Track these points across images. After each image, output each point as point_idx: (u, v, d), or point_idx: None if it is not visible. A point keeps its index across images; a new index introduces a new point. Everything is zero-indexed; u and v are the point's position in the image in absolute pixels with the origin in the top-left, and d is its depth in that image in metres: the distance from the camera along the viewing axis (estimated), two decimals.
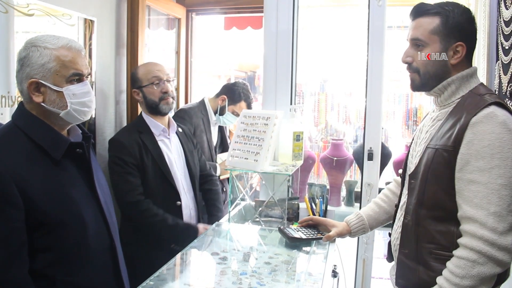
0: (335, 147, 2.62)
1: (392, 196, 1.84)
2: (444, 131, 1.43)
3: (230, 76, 8.06)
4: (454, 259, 1.35)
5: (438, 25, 1.44)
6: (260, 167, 2.09)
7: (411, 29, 1.51)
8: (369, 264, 2.48)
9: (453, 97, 1.47)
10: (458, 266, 1.32)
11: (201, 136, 2.91)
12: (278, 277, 1.62)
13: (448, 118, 1.44)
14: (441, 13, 1.45)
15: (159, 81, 2.30)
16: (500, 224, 1.28)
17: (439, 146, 1.42)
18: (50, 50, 1.38)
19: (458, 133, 1.36)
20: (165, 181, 2.25)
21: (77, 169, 1.47)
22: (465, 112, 1.38)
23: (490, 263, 1.29)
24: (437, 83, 1.49)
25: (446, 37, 1.44)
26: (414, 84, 1.54)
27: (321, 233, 1.94)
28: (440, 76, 1.47)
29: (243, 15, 4.03)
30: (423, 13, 1.48)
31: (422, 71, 1.49)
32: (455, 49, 1.45)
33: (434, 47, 1.46)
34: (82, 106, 1.45)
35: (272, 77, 2.47)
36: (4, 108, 1.89)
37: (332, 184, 2.70)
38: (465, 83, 1.46)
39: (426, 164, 1.45)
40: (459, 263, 1.32)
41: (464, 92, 1.46)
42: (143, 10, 2.78)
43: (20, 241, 1.30)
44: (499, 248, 1.28)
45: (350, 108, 3.60)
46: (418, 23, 1.49)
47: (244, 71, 8.48)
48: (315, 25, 3.38)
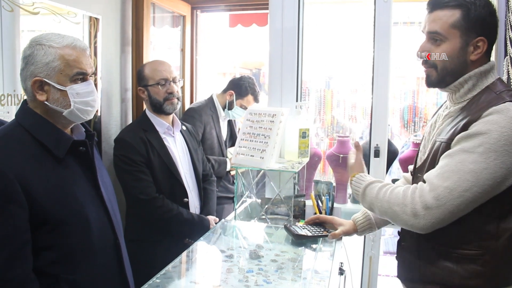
0: (341, 144, 2.60)
1: None
2: (452, 124, 1.40)
3: (235, 74, 8.05)
4: (396, 189, 1.41)
5: (459, 18, 1.36)
6: (266, 164, 2.08)
7: (429, 22, 1.42)
8: (376, 261, 2.47)
9: (469, 94, 1.42)
10: (396, 195, 1.40)
11: (211, 132, 2.95)
12: (284, 275, 1.61)
13: (459, 114, 1.40)
14: (462, 6, 1.36)
15: (165, 82, 2.30)
16: (444, 198, 1.29)
17: (444, 139, 1.40)
18: (55, 49, 1.38)
19: (466, 124, 1.33)
20: (172, 179, 2.26)
21: (81, 167, 1.47)
22: (476, 109, 1.34)
23: (409, 215, 1.34)
24: (454, 80, 1.42)
25: (467, 31, 1.37)
26: (430, 80, 1.47)
27: (327, 230, 1.93)
28: (459, 72, 1.41)
29: (248, 12, 4.02)
30: (442, 5, 1.39)
31: (440, 67, 1.42)
32: (476, 44, 1.38)
33: (454, 42, 1.38)
34: (86, 106, 1.44)
35: (277, 74, 2.46)
36: (10, 106, 1.90)
37: (338, 182, 2.69)
38: (482, 79, 1.40)
39: (432, 158, 1.44)
40: (398, 195, 1.39)
41: (480, 88, 1.40)
42: (148, 8, 2.78)
43: (24, 239, 1.30)
44: (427, 211, 1.31)
45: (356, 105, 3.59)
46: (436, 15, 1.40)
47: (249, 69, 8.47)
48: (320, 22, 3.36)
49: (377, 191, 1.46)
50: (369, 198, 1.49)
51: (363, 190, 1.52)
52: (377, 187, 1.48)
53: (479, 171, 1.26)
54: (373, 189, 1.48)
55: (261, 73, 7.72)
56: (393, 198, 1.39)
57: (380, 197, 1.44)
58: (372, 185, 1.51)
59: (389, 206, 1.39)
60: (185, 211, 2.25)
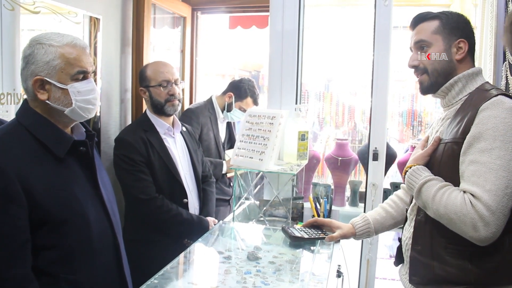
0: (340, 147, 2.61)
1: (399, 202, 1.83)
2: (453, 126, 1.46)
3: (234, 75, 8.05)
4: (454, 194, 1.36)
5: (438, 25, 1.54)
6: (265, 166, 2.08)
7: (414, 35, 1.59)
8: (373, 264, 2.47)
9: (460, 95, 1.52)
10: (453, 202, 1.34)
11: (208, 134, 2.95)
12: (282, 277, 1.61)
13: (457, 115, 1.47)
14: (439, 16, 1.55)
15: (167, 83, 2.31)
16: (494, 203, 1.28)
17: (448, 140, 1.45)
18: (55, 48, 1.38)
19: (466, 124, 1.40)
20: (172, 179, 2.27)
21: (81, 167, 1.47)
22: (472, 106, 1.42)
23: (469, 226, 1.31)
24: (445, 81, 1.53)
25: (447, 35, 1.53)
26: (424, 86, 1.59)
27: (324, 233, 1.93)
28: (448, 72, 1.53)
29: (248, 14, 4.03)
30: (422, 19, 1.58)
31: (430, 70, 1.55)
32: (458, 45, 1.52)
33: (438, 45, 1.53)
34: (87, 104, 1.44)
35: (277, 76, 2.47)
36: (9, 105, 1.90)
37: (336, 184, 2.70)
38: (471, 81, 1.51)
39: (437, 159, 1.48)
40: (456, 201, 1.34)
41: (470, 89, 1.50)
42: (148, 9, 2.79)
43: (24, 239, 1.30)
44: (485, 224, 1.28)
45: (355, 108, 3.59)
46: (419, 28, 1.57)
47: (248, 70, 8.47)
48: (319, 25, 3.37)
49: (435, 193, 1.40)
50: (425, 198, 1.43)
51: (420, 187, 1.45)
52: (434, 188, 1.41)
53: (507, 162, 1.31)
54: (430, 188, 1.42)
55: (260, 75, 7.71)
56: (450, 204, 1.35)
57: (436, 200, 1.39)
58: (430, 183, 1.43)
59: (446, 212, 1.36)
60: (184, 212, 2.25)
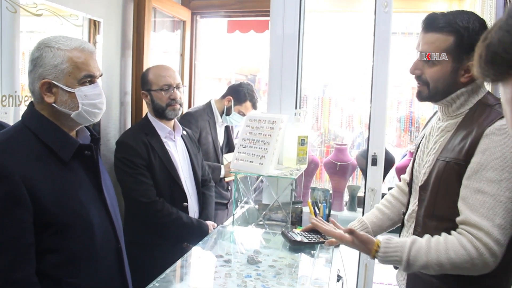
0: (339, 152, 2.63)
1: (395, 202, 1.83)
2: (455, 143, 1.41)
3: (230, 79, 8.07)
4: (456, 243, 1.31)
5: (452, 44, 1.40)
6: (265, 170, 2.09)
7: (423, 42, 1.46)
8: (371, 269, 2.48)
9: (462, 109, 1.46)
10: (456, 252, 1.30)
11: (207, 138, 2.95)
12: (282, 280, 1.62)
13: (458, 130, 1.43)
14: (456, 32, 1.40)
15: (168, 87, 2.31)
16: (503, 237, 1.28)
17: (450, 159, 1.41)
18: (64, 51, 1.39)
19: (470, 146, 1.35)
20: (173, 182, 2.27)
21: (85, 171, 1.48)
22: (476, 125, 1.37)
23: (480, 267, 1.30)
24: (445, 97, 1.47)
25: (459, 57, 1.41)
26: (422, 95, 1.52)
27: (323, 237, 1.94)
28: (449, 91, 1.46)
29: (248, 19, 4.04)
30: (437, 28, 1.43)
31: (432, 86, 1.47)
32: (467, 68, 1.41)
33: (446, 66, 1.43)
34: (93, 108, 1.45)
35: (277, 80, 2.48)
36: (9, 108, 1.90)
37: (334, 189, 2.72)
38: (474, 95, 1.45)
39: (436, 177, 1.44)
40: (460, 251, 1.30)
41: (472, 103, 1.44)
42: (149, 12, 2.80)
43: (28, 242, 1.30)
44: (496, 259, 1.29)
45: (352, 113, 3.61)
46: (430, 38, 1.44)
47: (245, 74, 8.49)
48: (318, 30, 3.39)
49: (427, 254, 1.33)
50: (419, 266, 1.35)
51: (406, 260, 1.36)
52: (422, 252, 1.34)
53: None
54: (419, 253, 1.34)
55: (256, 79, 7.73)
56: (455, 257, 1.31)
57: (440, 259, 1.32)
58: (413, 251, 1.35)
59: (456, 266, 1.31)
60: (184, 215, 2.25)
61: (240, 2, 3.44)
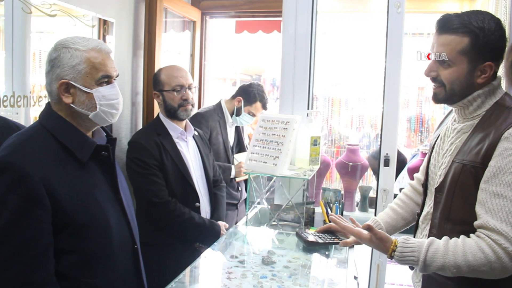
0: (351, 152, 2.62)
1: (408, 201, 1.82)
2: (471, 145, 1.40)
3: (235, 80, 8.08)
4: (474, 247, 1.30)
5: (467, 45, 1.39)
6: (279, 171, 2.09)
7: (437, 44, 1.45)
8: (383, 269, 2.48)
9: (479, 111, 1.44)
10: (474, 255, 1.29)
11: (217, 138, 2.96)
12: (298, 281, 1.62)
13: (475, 132, 1.42)
14: (471, 33, 1.38)
15: (180, 88, 2.31)
16: None
17: (466, 162, 1.39)
18: (81, 52, 1.39)
19: (488, 149, 1.34)
20: (185, 183, 2.27)
21: (101, 172, 1.48)
22: (493, 128, 1.36)
23: (499, 271, 1.28)
24: (461, 99, 1.46)
25: (474, 57, 1.40)
26: (438, 97, 1.50)
27: (338, 238, 1.93)
28: (466, 93, 1.44)
29: (257, 19, 4.05)
30: (451, 30, 1.41)
31: (448, 88, 1.45)
32: (483, 69, 1.41)
33: (462, 67, 1.41)
34: (111, 108, 1.45)
35: (289, 81, 2.47)
36: (20, 108, 1.90)
37: (346, 189, 2.71)
38: (490, 96, 1.43)
39: (452, 179, 1.43)
40: (477, 254, 1.29)
41: (489, 104, 1.43)
42: (160, 13, 2.80)
43: (47, 242, 1.31)
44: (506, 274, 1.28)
45: (362, 114, 3.59)
46: (445, 39, 1.42)
47: (250, 75, 8.49)
48: (331, 31, 3.38)
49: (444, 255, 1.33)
50: (436, 267, 1.34)
51: (423, 260, 1.35)
52: (440, 251, 1.34)
53: None
54: (437, 254, 1.34)
55: (261, 79, 7.74)
56: (472, 260, 1.30)
57: (458, 261, 1.31)
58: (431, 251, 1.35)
59: (473, 269, 1.30)
60: (196, 216, 2.25)
61: (250, 2, 3.44)
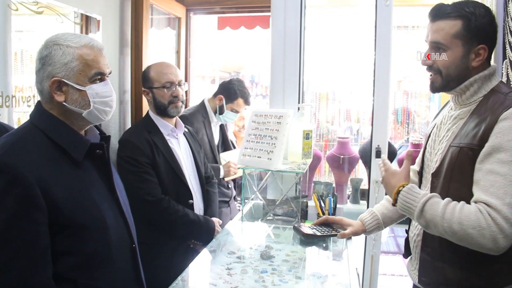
0: (342, 145, 2.64)
1: None
2: (468, 129, 1.43)
3: (214, 77, 8.05)
4: (471, 208, 1.33)
5: (460, 29, 1.43)
6: (274, 165, 2.09)
7: (431, 32, 1.49)
8: (377, 260, 2.50)
9: (475, 96, 1.47)
10: (467, 215, 1.31)
11: (203, 139, 2.92)
12: (299, 274, 1.63)
13: (472, 117, 1.45)
14: (463, 16, 1.43)
15: (170, 85, 2.28)
16: (507, 223, 1.28)
17: (464, 145, 1.42)
18: (73, 49, 1.35)
19: (485, 131, 1.37)
20: (178, 180, 2.25)
21: (97, 171, 1.44)
22: (490, 112, 1.39)
23: (488, 240, 1.29)
24: (458, 85, 1.49)
25: (468, 40, 1.44)
26: (435, 86, 1.53)
27: (335, 230, 1.95)
28: (462, 78, 1.47)
29: (242, 15, 4.03)
30: (444, 15, 1.46)
31: (444, 73, 1.48)
32: (477, 51, 1.45)
33: (456, 51, 1.45)
34: (105, 106, 1.42)
35: (280, 75, 2.47)
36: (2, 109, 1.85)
37: (337, 182, 2.73)
38: (487, 82, 1.46)
39: (450, 163, 1.45)
40: (471, 215, 1.31)
41: (486, 90, 1.46)
42: (147, 9, 2.77)
43: (44, 245, 1.27)
44: (506, 238, 1.29)
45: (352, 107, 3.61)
46: (438, 26, 1.47)
47: (228, 72, 8.48)
48: (319, 25, 3.39)
49: (442, 209, 1.36)
50: (430, 216, 1.38)
51: (422, 206, 1.40)
52: (441, 204, 1.37)
53: None
54: (435, 206, 1.38)
55: (240, 76, 7.74)
56: (464, 219, 1.32)
57: (447, 217, 1.34)
58: (432, 200, 1.39)
59: (462, 228, 1.32)
60: (191, 213, 2.24)
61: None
